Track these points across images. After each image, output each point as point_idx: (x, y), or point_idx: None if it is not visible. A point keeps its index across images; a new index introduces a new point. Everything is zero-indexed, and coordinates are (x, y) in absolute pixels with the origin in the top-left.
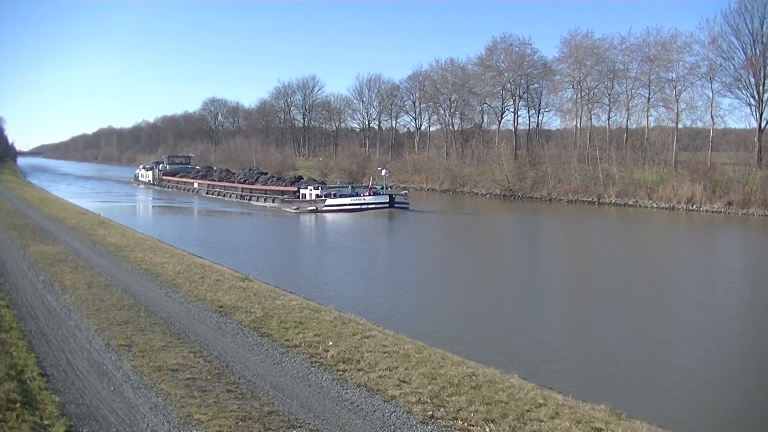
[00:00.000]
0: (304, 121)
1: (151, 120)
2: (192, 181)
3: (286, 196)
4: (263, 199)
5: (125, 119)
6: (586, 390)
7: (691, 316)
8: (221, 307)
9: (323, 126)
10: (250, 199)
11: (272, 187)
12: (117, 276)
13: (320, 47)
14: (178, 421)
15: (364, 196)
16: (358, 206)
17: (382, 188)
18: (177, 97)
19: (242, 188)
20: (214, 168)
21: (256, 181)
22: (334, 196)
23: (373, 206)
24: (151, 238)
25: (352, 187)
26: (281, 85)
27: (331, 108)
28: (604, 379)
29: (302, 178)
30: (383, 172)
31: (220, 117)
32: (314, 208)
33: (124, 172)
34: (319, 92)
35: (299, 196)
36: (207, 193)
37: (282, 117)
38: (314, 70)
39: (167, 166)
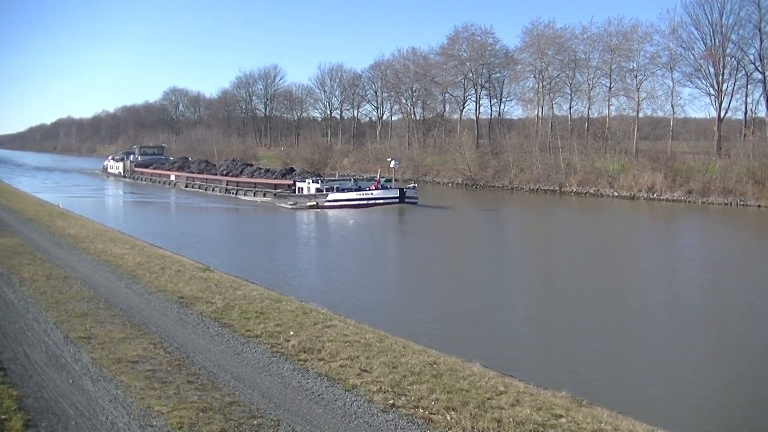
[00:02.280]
0: (265, 110)
1: (112, 110)
2: (168, 173)
3: (280, 190)
4: (252, 193)
5: (85, 109)
6: (548, 378)
7: (656, 306)
8: (182, 297)
9: (285, 116)
10: (236, 193)
11: (264, 180)
12: (76, 268)
13: (281, 37)
14: (138, 413)
15: (369, 190)
16: (366, 201)
17: (387, 181)
18: (137, 87)
19: (227, 181)
20: (191, 159)
21: (241, 173)
22: (337, 190)
23: (381, 201)
24: (111, 230)
25: (354, 180)
26: (242, 75)
27: (292, 97)
28: (566, 367)
29: (294, 170)
30: (392, 163)
31: (181, 107)
32: (314, 203)
33: (86, 162)
34: (280, 82)
35: (295, 190)
36: (186, 187)
37: (243, 107)
38: (276, 60)
39: (139, 157)
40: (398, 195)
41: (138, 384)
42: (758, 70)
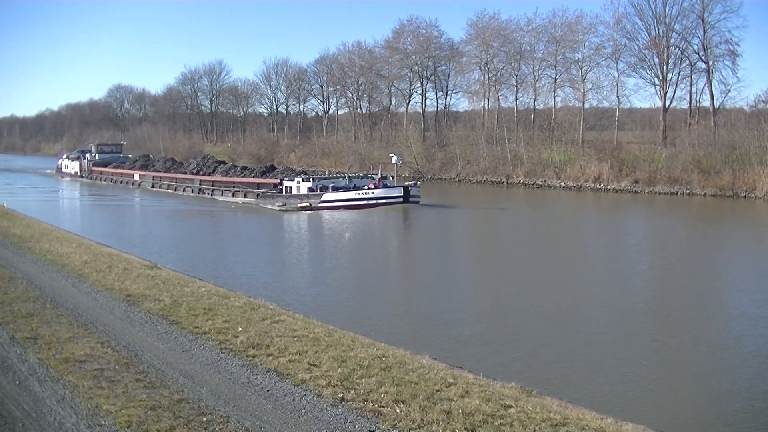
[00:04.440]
0: (211, 106)
1: (56, 108)
2: (131, 172)
3: (264, 190)
4: (231, 194)
5: (28, 107)
6: (498, 370)
7: (607, 298)
8: (129, 296)
9: (231, 111)
10: (212, 194)
11: (245, 179)
12: (21, 268)
13: (226, 31)
14: (87, 413)
15: (368, 188)
16: (366, 201)
17: (383, 178)
18: (82, 85)
19: (201, 180)
20: (152, 157)
21: (214, 171)
22: (333, 189)
23: (384, 201)
24: (57, 229)
25: (348, 177)
26: (187, 71)
27: (238, 93)
28: (516, 359)
29: (276, 168)
30: (395, 158)
31: (126, 104)
32: (307, 204)
33: (33, 161)
34: (226, 77)
35: (282, 189)
36: (152, 187)
37: (189, 103)
38: (221, 55)
39: (96, 156)
40: (402, 194)
41: (86, 383)
42: (702, 60)
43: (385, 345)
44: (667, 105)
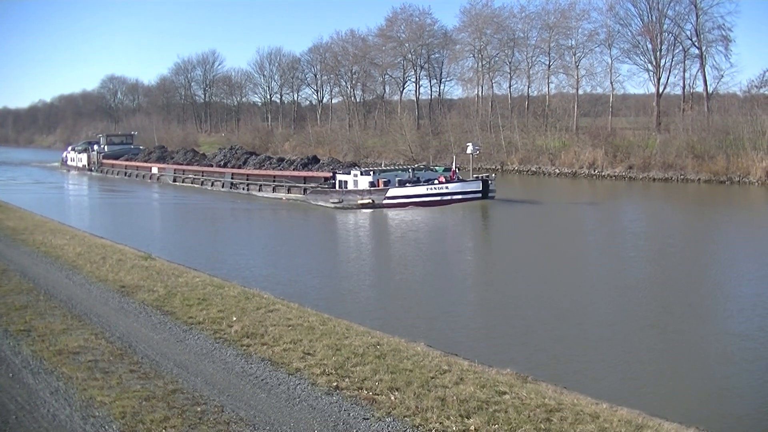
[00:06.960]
0: (205, 96)
1: (48, 99)
2: (148, 165)
3: (314, 185)
4: (272, 189)
5: (20, 99)
6: (493, 357)
7: (601, 282)
8: (123, 286)
9: (224, 101)
10: (248, 189)
11: (289, 173)
12: (15, 260)
13: (219, 21)
14: (81, 405)
15: (440, 182)
16: (440, 197)
17: (446, 170)
18: (74, 76)
19: (233, 174)
20: (167, 148)
21: (245, 163)
22: (401, 183)
23: (460, 197)
24: (51, 221)
25: (412, 170)
26: (181, 61)
27: (232, 83)
28: (512, 346)
29: (320, 160)
30: (470, 148)
31: (119, 95)
32: (369, 201)
33: (29, 154)
34: (219, 67)
35: (336, 184)
36: (174, 181)
37: (183, 93)
38: (214, 45)
39: (105, 147)
40: (480, 189)
41: (79, 375)
42: (695, 46)
43: (380, 333)
44: (660, 91)
